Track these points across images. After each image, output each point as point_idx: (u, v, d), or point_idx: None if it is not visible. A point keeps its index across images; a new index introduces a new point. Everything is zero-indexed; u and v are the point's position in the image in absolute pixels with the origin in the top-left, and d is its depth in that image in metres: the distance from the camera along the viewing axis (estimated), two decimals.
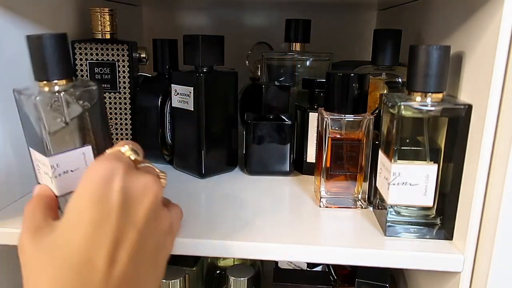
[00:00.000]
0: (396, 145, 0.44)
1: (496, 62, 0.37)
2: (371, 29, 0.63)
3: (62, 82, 0.38)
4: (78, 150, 0.38)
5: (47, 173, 0.37)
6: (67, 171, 0.37)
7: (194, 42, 0.60)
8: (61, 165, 0.37)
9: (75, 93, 0.38)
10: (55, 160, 0.37)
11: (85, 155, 0.38)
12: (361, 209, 0.53)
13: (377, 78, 0.60)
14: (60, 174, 0.37)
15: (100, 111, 0.40)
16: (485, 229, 0.41)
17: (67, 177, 0.37)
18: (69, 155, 0.37)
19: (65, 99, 0.38)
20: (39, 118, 0.37)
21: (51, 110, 0.36)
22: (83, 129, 0.39)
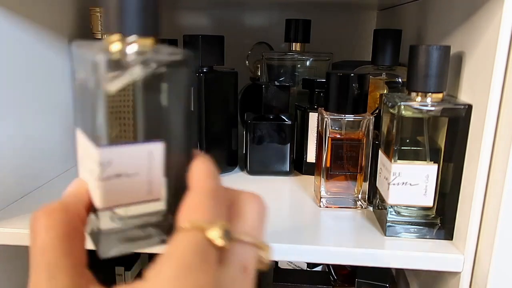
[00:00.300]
0: (396, 145, 0.44)
1: (496, 62, 0.37)
2: (371, 29, 0.63)
3: (143, 42, 0.24)
4: (143, 146, 0.23)
5: (92, 171, 0.23)
6: (120, 175, 0.23)
7: (194, 42, 0.60)
8: (115, 164, 0.23)
9: (155, 62, 0.24)
10: (107, 155, 0.23)
11: (152, 156, 0.24)
12: (361, 209, 0.53)
13: (377, 78, 0.60)
14: (111, 176, 0.23)
15: (184, 96, 0.25)
16: (485, 229, 0.41)
17: (119, 183, 0.23)
18: (128, 151, 0.23)
19: (139, 65, 0.23)
20: (97, 85, 0.22)
21: (115, 77, 0.23)
22: (155, 117, 0.24)
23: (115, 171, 0.23)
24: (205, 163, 0.25)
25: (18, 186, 0.54)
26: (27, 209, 0.51)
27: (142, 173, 0.24)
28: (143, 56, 0.23)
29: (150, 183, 0.24)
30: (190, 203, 0.23)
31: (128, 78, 0.23)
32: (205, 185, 0.23)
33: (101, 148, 0.22)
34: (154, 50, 0.24)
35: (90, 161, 0.24)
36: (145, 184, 0.24)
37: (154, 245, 0.25)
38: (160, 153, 0.24)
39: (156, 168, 0.24)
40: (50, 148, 0.60)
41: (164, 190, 0.24)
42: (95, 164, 0.23)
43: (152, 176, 0.24)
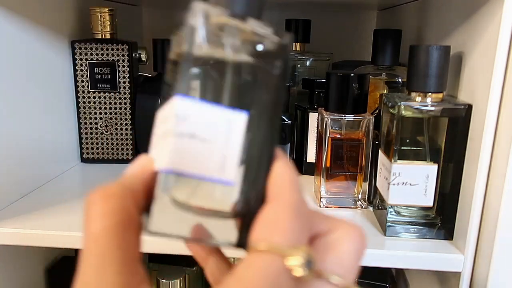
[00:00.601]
0: (396, 145, 0.44)
1: (496, 62, 0.37)
2: (371, 29, 0.63)
3: (240, 25, 0.22)
4: (224, 112, 0.21)
5: (166, 130, 0.21)
6: (194, 136, 0.20)
7: None
8: (191, 121, 0.20)
9: (248, 52, 0.21)
10: (185, 108, 0.20)
11: (232, 125, 0.21)
12: (361, 209, 0.53)
13: (377, 78, 0.60)
14: (184, 134, 0.20)
15: (274, 84, 0.22)
16: (485, 229, 0.41)
17: (191, 146, 0.20)
18: (207, 111, 0.20)
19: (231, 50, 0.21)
20: (190, 46, 0.21)
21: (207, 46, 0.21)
22: (243, 92, 0.22)
23: (189, 130, 0.20)
24: (288, 168, 0.21)
25: (18, 186, 0.54)
26: (27, 209, 0.51)
27: (217, 142, 0.20)
28: (237, 40, 0.21)
29: (225, 157, 0.20)
30: (270, 219, 0.19)
31: (219, 54, 0.21)
32: (290, 199, 0.20)
33: (180, 98, 0.20)
34: (251, 36, 0.22)
35: (167, 120, 0.21)
36: (218, 156, 0.20)
37: (214, 245, 0.22)
38: (242, 126, 0.21)
39: (234, 143, 0.20)
40: (50, 148, 0.60)
41: (239, 175, 0.21)
42: (171, 118, 0.20)
43: (228, 150, 0.20)
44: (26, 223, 0.47)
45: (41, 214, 0.49)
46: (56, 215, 0.49)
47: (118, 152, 0.68)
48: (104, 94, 0.65)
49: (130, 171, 0.21)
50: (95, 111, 0.66)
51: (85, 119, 0.66)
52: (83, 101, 0.66)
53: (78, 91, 0.65)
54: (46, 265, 0.64)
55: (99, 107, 0.66)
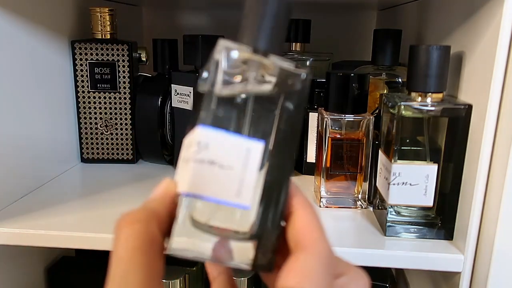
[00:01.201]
0: (396, 145, 0.44)
1: (496, 62, 0.37)
2: (371, 29, 0.63)
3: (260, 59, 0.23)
4: (243, 140, 0.22)
5: (189, 156, 0.22)
6: (214, 162, 0.22)
7: (194, 42, 0.60)
8: (212, 149, 0.22)
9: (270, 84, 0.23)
10: (206, 136, 0.22)
11: (250, 154, 0.22)
12: (361, 209, 0.53)
13: (377, 78, 0.60)
14: (204, 160, 0.22)
15: (294, 115, 0.23)
16: (485, 229, 0.41)
17: (210, 171, 0.22)
18: (227, 140, 0.22)
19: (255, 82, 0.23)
20: (213, 83, 0.23)
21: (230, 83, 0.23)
22: (262, 121, 0.23)
23: (209, 156, 0.22)
24: (315, 214, 0.22)
25: (18, 186, 0.54)
26: (27, 209, 0.51)
27: (235, 169, 0.22)
28: (259, 74, 0.23)
29: (242, 183, 0.22)
30: (305, 268, 0.20)
31: (241, 87, 0.23)
32: (323, 250, 0.21)
33: (202, 127, 0.22)
34: (273, 70, 0.23)
35: (190, 147, 0.23)
36: (236, 182, 0.22)
37: (231, 265, 0.23)
38: (259, 154, 0.22)
39: (251, 169, 0.22)
40: (50, 148, 0.60)
41: (256, 200, 0.22)
42: (193, 146, 0.22)
43: (245, 176, 0.22)
44: (26, 223, 0.47)
45: (41, 214, 0.49)
46: (56, 215, 0.49)
47: (118, 152, 0.68)
48: (104, 94, 0.65)
49: (154, 194, 0.23)
50: (95, 111, 0.66)
51: (85, 119, 0.66)
52: (83, 101, 0.66)
53: (78, 91, 0.65)
54: (46, 265, 0.64)
55: (99, 107, 0.66)
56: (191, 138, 0.22)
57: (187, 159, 0.22)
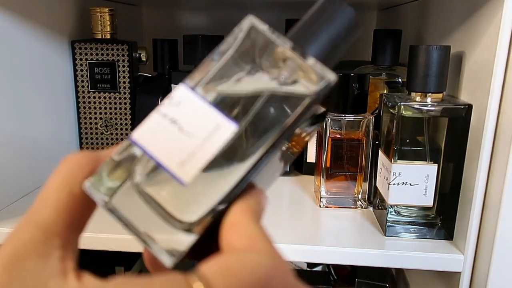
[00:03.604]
0: (396, 145, 0.44)
1: (496, 62, 0.37)
2: (371, 29, 0.63)
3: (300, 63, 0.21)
4: (218, 115, 0.20)
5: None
6: (178, 124, 0.20)
7: (194, 42, 0.60)
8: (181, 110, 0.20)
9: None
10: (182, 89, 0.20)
11: (219, 129, 0.20)
12: (361, 209, 0.53)
13: (377, 78, 0.60)
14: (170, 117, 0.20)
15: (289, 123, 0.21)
16: (485, 229, 0.41)
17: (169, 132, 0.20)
18: (200, 109, 0.20)
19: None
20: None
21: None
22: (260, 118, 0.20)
23: (174, 115, 0.20)
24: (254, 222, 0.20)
25: (18, 186, 0.54)
26: (27, 209, 0.50)
27: (194, 138, 0.20)
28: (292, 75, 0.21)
29: (192, 156, 0.20)
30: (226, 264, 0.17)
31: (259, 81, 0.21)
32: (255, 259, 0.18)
33: (185, 86, 0.21)
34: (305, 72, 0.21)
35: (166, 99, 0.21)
36: (186, 152, 0.19)
37: (150, 249, 0.20)
38: (227, 135, 0.20)
39: (210, 147, 0.19)
40: (50, 148, 0.60)
41: (199, 185, 0.19)
42: (166, 99, 0.20)
43: (200, 151, 0.19)
44: None
45: None
46: None
47: None
48: (104, 94, 0.65)
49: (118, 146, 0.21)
50: (95, 111, 0.66)
51: (85, 119, 0.66)
52: (83, 101, 0.66)
53: (78, 91, 0.65)
54: None
55: (99, 107, 0.66)
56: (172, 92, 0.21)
57: (155, 109, 0.20)
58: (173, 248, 0.19)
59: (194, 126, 0.20)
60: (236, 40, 0.21)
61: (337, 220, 0.50)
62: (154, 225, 0.20)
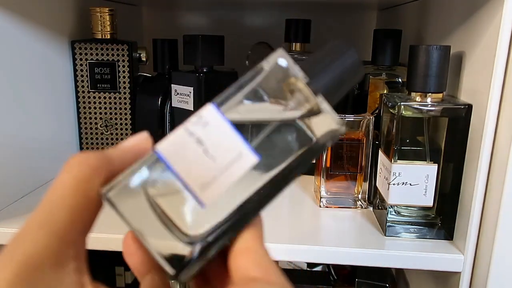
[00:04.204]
0: (396, 145, 0.44)
1: (496, 62, 0.37)
2: (371, 29, 0.63)
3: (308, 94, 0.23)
4: (238, 143, 0.21)
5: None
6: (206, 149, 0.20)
7: (194, 42, 0.60)
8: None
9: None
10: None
11: (239, 159, 0.21)
12: (361, 209, 0.53)
13: (377, 78, 0.60)
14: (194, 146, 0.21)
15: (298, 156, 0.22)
16: (485, 229, 0.41)
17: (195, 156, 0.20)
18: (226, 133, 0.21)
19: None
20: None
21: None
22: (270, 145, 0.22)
23: (201, 135, 0.21)
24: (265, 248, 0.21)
25: (18, 186, 0.54)
26: (27, 209, 0.51)
27: (217, 163, 0.20)
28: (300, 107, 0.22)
29: (214, 180, 0.20)
30: None
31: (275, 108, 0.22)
32: (278, 281, 0.19)
33: (215, 107, 0.21)
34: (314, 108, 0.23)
35: (194, 116, 0.22)
36: (209, 176, 0.20)
37: (152, 254, 0.20)
38: (248, 166, 0.21)
39: (232, 175, 0.21)
40: (50, 148, 0.60)
41: (216, 209, 0.21)
42: (196, 115, 0.21)
43: (222, 177, 0.21)
44: None
45: None
46: None
47: None
48: (104, 94, 0.65)
49: (123, 143, 0.21)
50: (95, 111, 0.66)
51: (85, 119, 0.66)
52: (83, 101, 0.66)
53: (78, 91, 0.65)
54: None
55: (99, 107, 0.66)
56: (200, 110, 0.21)
57: (182, 124, 0.21)
58: (173, 255, 0.20)
59: (218, 150, 0.20)
60: (264, 72, 0.22)
61: (337, 220, 0.50)
62: (160, 233, 0.20)
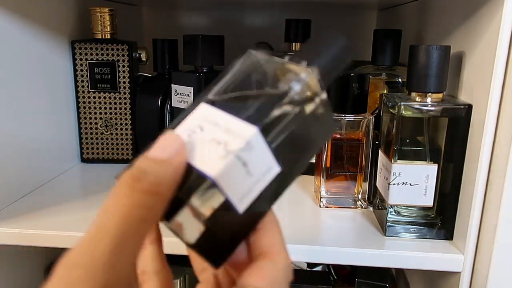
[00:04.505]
0: (396, 145, 0.44)
1: (496, 62, 0.37)
2: (371, 29, 0.63)
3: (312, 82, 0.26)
4: (270, 160, 0.23)
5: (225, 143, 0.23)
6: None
7: (194, 42, 0.60)
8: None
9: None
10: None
11: (268, 172, 0.24)
12: (361, 209, 0.53)
13: (377, 78, 0.60)
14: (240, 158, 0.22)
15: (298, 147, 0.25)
16: (485, 229, 0.41)
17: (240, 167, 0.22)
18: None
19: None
20: None
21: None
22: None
23: (246, 158, 0.22)
24: (279, 227, 0.25)
25: (18, 186, 0.54)
26: (27, 209, 0.51)
27: (253, 178, 0.23)
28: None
29: (249, 191, 0.23)
30: (270, 274, 0.23)
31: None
32: (285, 262, 0.24)
33: (259, 131, 0.22)
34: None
35: (229, 134, 0.23)
36: (246, 189, 0.23)
37: (175, 233, 0.23)
38: (272, 176, 0.24)
39: (261, 185, 0.23)
40: (50, 148, 0.60)
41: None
42: (238, 138, 0.22)
43: (254, 188, 0.23)
44: (26, 223, 0.47)
45: (41, 214, 0.49)
46: (56, 215, 0.49)
47: (118, 152, 0.68)
48: (104, 94, 0.65)
49: (166, 156, 0.20)
50: (95, 111, 0.66)
51: (85, 119, 0.66)
52: (83, 101, 0.66)
53: (78, 91, 0.65)
54: (46, 265, 0.64)
55: (99, 107, 0.66)
56: (236, 126, 0.22)
57: (218, 142, 0.22)
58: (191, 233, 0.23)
59: (256, 168, 0.23)
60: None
61: (337, 220, 0.50)
62: None
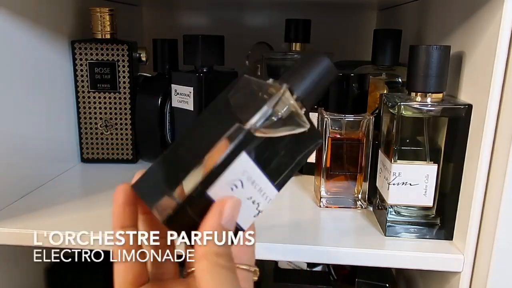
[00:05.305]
0: (396, 145, 0.44)
1: (496, 62, 0.37)
2: (371, 29, 0.63)
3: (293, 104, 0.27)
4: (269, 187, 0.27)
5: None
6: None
7: (194, 42, 0.60)
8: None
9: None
10: None
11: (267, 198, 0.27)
12: (361, 209, 0.53)
13: (377, 78, 0.60)
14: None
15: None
16: (485, 229, 0.41)
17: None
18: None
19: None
20: None
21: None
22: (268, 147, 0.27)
23: (249, 193, 0.27)
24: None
25: (18, 186, 0.54)
26: (27, 209, 0.50)
27: (256, 204, 0.27)
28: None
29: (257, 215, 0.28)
30: None
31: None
32: None
33: (256, 167, 0.26)
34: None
35: (250, 181, 0.27)
36: (252, 214, 0.27)
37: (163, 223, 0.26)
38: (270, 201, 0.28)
39: (260, 209, 0.28)
40: (50, 148, 0.60)
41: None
42: (247, 181, 0.26)
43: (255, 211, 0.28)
44: (26, 223, 0.47)
45: (41, 214, 0.49)
46: (56, 215, 0.49)
47: (118, 152, 0.68)
48: (104, 94, 0.65)
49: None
50: (95, 111, 0.66)
51: (85, 119, 0.66)
52: (83, 101, 0.66)
53: (78, 91, 0.65)
54: (46, 265, 0.64)
55: (99, 107, 0.66)
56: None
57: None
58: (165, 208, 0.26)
59: (261, 198, 0.27)
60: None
61: (337, 220, 0.50)
62: None
